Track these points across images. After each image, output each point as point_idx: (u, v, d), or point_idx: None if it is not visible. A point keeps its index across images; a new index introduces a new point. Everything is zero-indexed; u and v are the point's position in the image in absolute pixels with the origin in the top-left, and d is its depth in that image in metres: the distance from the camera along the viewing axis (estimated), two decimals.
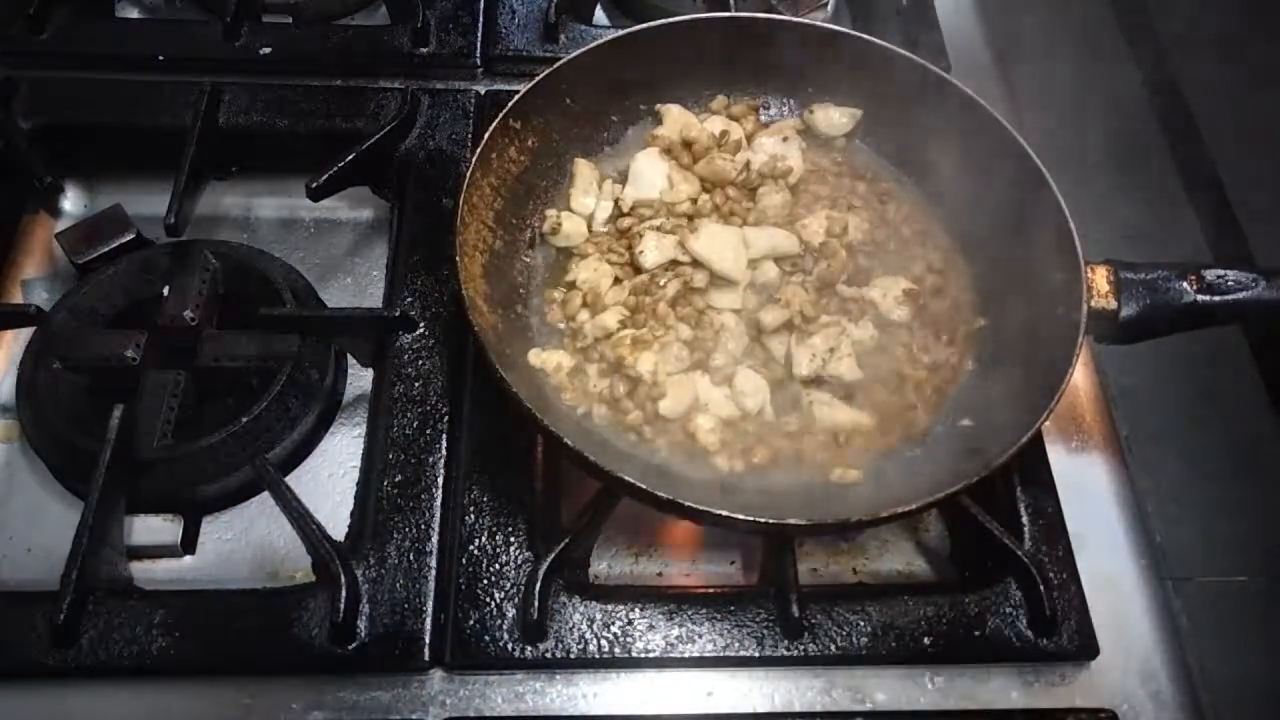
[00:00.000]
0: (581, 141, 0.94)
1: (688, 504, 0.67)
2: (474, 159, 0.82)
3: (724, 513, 0.67)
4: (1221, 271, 0.80)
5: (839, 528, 0.74)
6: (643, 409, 0.78)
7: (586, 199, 0.90)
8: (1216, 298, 0.79)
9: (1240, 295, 0.79)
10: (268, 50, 1.03)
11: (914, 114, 0.91)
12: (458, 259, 0.77)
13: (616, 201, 0.90)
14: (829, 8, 1.15)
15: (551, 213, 0.89)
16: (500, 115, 0.85)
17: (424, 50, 1.05)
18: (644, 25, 0.92)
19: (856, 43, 0.92)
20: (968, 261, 0.89)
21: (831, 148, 0.96)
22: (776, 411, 0.80)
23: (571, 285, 0.85)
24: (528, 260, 0.88)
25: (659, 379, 0.79)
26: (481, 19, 1.08)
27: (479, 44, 1.06)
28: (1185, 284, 0.80)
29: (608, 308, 0.83)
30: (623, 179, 0.92)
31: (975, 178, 0.88)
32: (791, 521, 0.68)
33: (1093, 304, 0.78)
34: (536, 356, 0.81)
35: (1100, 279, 0.80)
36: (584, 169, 0.92)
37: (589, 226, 0.90)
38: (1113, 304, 0.79)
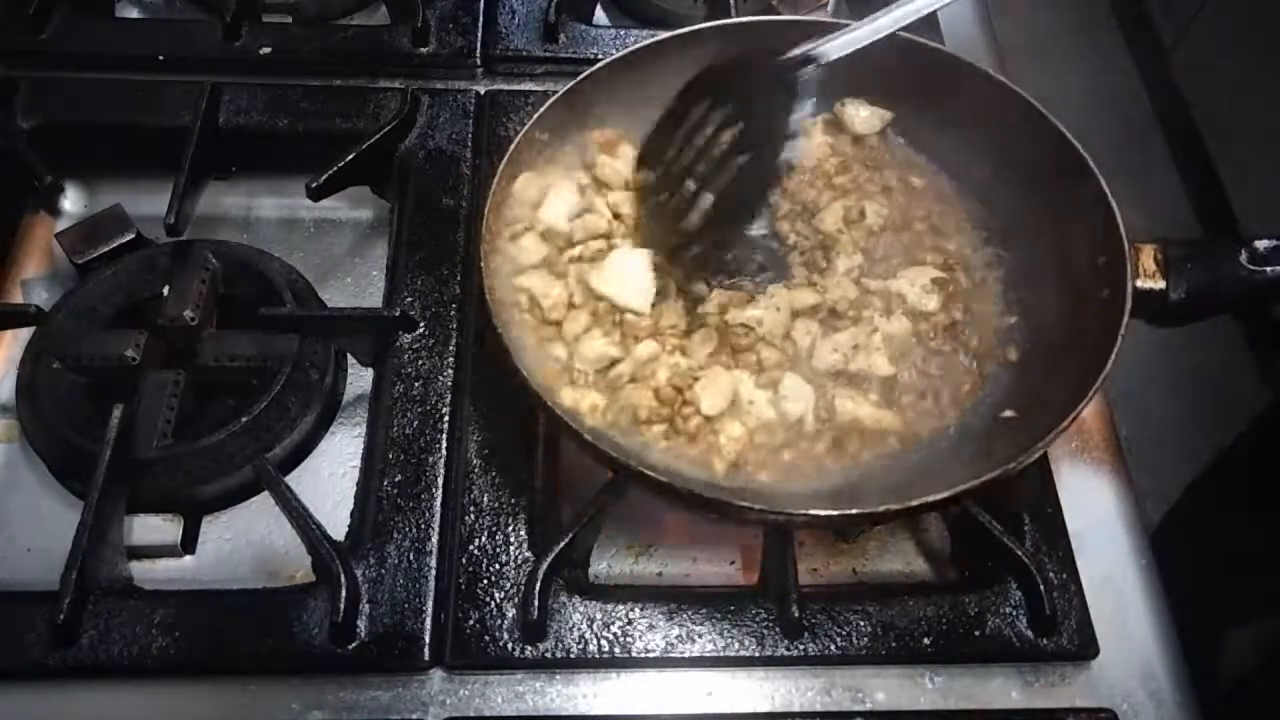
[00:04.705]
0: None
1: (707, 495, 0.67)
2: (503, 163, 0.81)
3: (753, 505, 0.67)
4: (1274, 242, 0.76)
5: (869, 519, 0.73)
6: (674, 409, 0.77)
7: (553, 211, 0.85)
8: (1270, 269, 0.75)
9: None
10: (268, 50, 1.03)
11: (946, 104, 0.90)
12: (484, 264, 0.77)
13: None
14: (829, 7, 1.15)
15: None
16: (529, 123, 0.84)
17: (424, 50, 1.05)
18: (679, 31, 0.90)
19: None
20: (1004, 251, 0.88)
21: (864, 144, 0.94)
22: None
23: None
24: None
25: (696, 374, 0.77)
26: (481, 19, 1.08)
27: (479, 44, 1.06)
28: (1238, 258, 0.76)
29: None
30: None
31: (1011, 164, 0.87)
32: (817, 512, 0.68)
33: (1139, 284, 0.75)
34: (569, 396, 0.77)
35: (1147, 258, 0.77)
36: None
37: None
38: (1160, 283, 0.76)
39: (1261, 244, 0.76)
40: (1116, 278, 0.76)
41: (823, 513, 0.68)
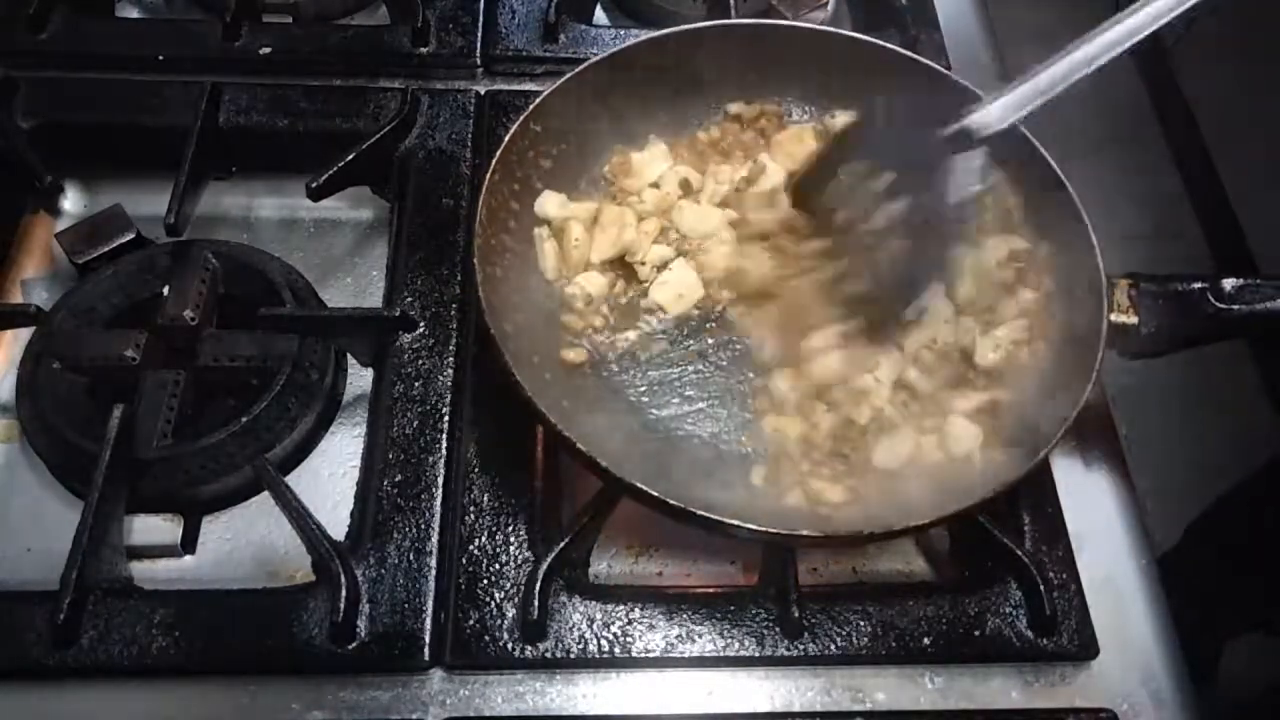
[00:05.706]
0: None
1: (699, 513, 0.67)
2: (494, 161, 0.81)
3: (743, 524, 0.67)
4: (1241, 281, 0.78)
5: (851, 540, 0.73)
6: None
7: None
8: (1237, 307, 0.78)
9: (1263, 305, 0.78)
10: (268, 50, 1.03)
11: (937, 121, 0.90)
12: (476, 262, 0.76)
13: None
14: (829, 8, 1.15)
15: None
16: (522, 118, 0.84)
17: (424, 50, 1.05)
18: (679, 29, 0.90)
19: (875, 50, 0.91)
20: None
21: None
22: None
23: None
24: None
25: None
26: (481, 19, 1.08)
27: (479, 44, 1.06)
28: (1207, 296, 0.78)
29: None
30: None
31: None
32: (806, 533, 0.69)
33: (1113, 318, 0.77)
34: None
35: (1120, 293, 0.79)
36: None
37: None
38: (1133, 318, 0.78)
39: (1229, 283, 0.78)
40: (1092, 310, 0.77)
41: (807, 533, 0.69)
